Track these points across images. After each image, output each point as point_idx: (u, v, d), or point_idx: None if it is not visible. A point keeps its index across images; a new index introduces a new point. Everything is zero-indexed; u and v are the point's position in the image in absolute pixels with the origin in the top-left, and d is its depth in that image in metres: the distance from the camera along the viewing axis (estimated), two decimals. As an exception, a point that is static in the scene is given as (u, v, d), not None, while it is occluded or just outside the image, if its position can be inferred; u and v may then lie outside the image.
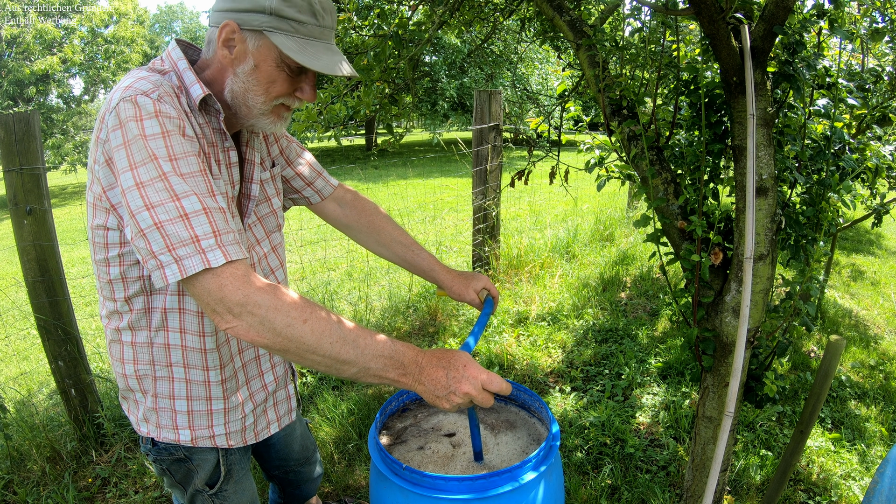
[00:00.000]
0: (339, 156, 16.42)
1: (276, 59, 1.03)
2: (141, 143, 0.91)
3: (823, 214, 1.45)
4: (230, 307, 0.90)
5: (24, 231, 2.26)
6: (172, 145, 0.93)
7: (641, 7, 1.63)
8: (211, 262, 0.89)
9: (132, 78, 0.99)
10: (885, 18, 1.76)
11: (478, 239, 4.18)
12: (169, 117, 0.94)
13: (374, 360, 0.96)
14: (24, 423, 2.38)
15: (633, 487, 2.16)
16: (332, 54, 1.06)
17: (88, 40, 18.06)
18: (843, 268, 4.93)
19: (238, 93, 1.06)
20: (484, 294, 1.48)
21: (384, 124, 13.16)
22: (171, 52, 1.08)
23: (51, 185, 16.29)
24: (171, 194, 0.90)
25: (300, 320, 0.91)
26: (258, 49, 1.02)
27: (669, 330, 3.52)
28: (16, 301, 4.72)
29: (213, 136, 1.10)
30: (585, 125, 1.96)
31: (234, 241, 0.94)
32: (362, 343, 0.95)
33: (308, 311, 0.93)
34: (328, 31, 1.06)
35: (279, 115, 1.11)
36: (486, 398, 1.02)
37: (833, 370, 1.58)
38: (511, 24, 9.43)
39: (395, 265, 1.60)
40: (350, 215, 1.52)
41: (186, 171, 0.92)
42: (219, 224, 0.92)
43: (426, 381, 1.00)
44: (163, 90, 0.97)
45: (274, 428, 1.37)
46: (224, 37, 1.03)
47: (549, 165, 2.31)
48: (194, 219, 0.90)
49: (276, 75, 1.04)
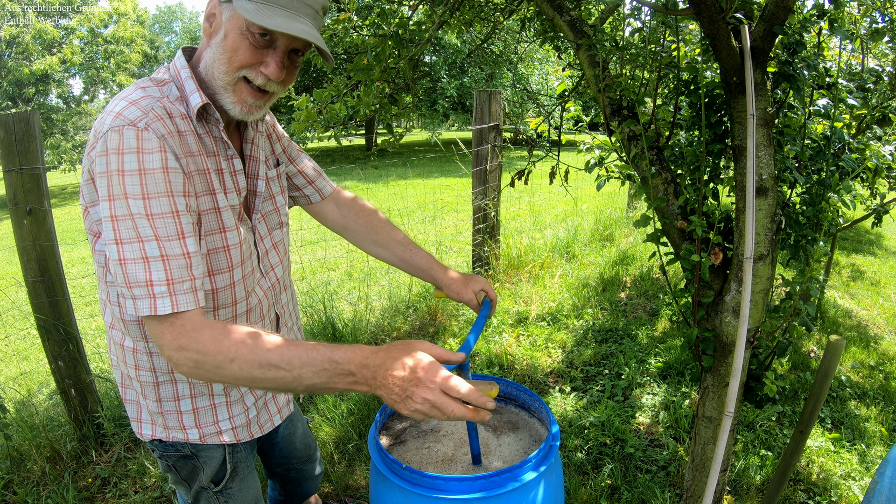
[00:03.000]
0: (339, 156, 16.41)
1: (242, 26, 1.02)
2: (117, 179, 0.94)
3: (823, 214, 1.45)
4: (169, 354, 0.96)
5: (24, 231, 2.26)
6: (147, 184, 0.95)
7: (641, 7, 1.63)
8: (158, 310, 0.95)
9: (124, 101, 1.00)
10: (885, 18, 1.76)
11: (478, 239, 4.18)
12: (150, 153, 0.96)
13: (317, 376, 0.94)
14: (24, 423, 2.38)
15: (633, 487, 2.16)
16: (293, 21, 1.01)
17: (88, 40, 18.04)
18: (843, 268, 4.93)
19: (208, 63, 1.07)
20: (482, 296, 1.46)
21: (384, 124, 13.17)
22: (177, 60, 1.10)
23: (51, 185, 16.29)
24: (136, 234, 0.94)
25: (227, 360, 0.94)
26: (229, 20, 1.03)
27: (669, 330, 3.52)
28: (16, 301, 4.72)
29: (213, 146, 1.11)
30: (585, 125, 1.96)
31: (188, 289, 0.97)
32: (297, 363, 0.93)
33: (235, 349, 0.94)
34: (299, 3, 1.03)
35: (242, 99, 1.07)
36: (452, 407, 0.91)
37: (833, 370, 1.58)
38: (511, 24, 9.43)
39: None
40: (348, 216, 1.52)
41: (157, 212, 0.96)
42: (174, 273, 0.96)
43: (382, 385, 0.93)
44: (152, 116, 0.99)
45: (277, 420, 1.38)
46: (208, 11, 1.07)
47: (548, 165, 2.31)
48: (153, 264, 0.95)
49: (240, 43, 1.02)
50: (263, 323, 1.28)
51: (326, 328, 3.31)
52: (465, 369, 1.33)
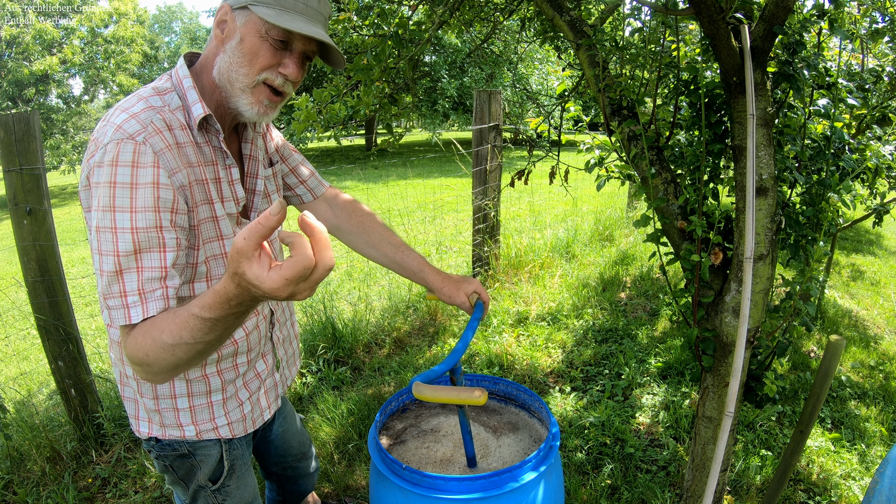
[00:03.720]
0: (338, 156, 16.41)
1: (260, 30, 1.06)
2: (108, 191, 0.96)
3: (823, 214, 1.45)
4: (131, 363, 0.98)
5: (24, 231, 2.26)
6: (136, 198, 0.97)
7: (641, 7, 1.63)
8: (132, 319, 0.96)
9: (125, 113, 1.02)
10: (885, 18, 1.76)
11: (477, 239, 4.18)
12: (144, 167, 0.98)
13: (220, 323, 0.84)
14: (24, 424, 2.38)
15: (633, 487, 2.16)
16: (312, 25, 1.08)
17: (88, 40, 18.04)
18: (843, 268, 4.93)
19: (224, 68, 1.09)
20: (475, 298, 1.44)
21: (384, 124, 13.17)
22: (179, 69, 1.12)
23: (51, 185, 16.29)
24: (114, 248, 0.96)
25: (145, 360, 0.93)
26: (245, 24, 1.06)
27: (669, 330, 3.52)
28: (16, 301, 4.72)
29: (212, 155, 1.13)
30: (585, 125, 1.96)
31: (159, 297, 0.98)
32: (185, 333, 0.88)
33: (144, 346, 0.93)
34: (314, 12, 1.09)
35: (259, 100, 1.10)
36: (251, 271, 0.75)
37: (833, 370, 1.58)
38: (511, 24, 9.43)
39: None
40: (340, 216, 1.52)
41: (142, 226, 0.97)
42: (145, 285, 0.97)
43: (246, 288, 0.78)
44: (151, 129, 1.01)
45: (267, 415, 1.38)
46: (218, 18, 1.09)
47: (548, 165, 2.31)
48: (127, 275, 0.97)
49: (260, 46, 1.06)
50: (258, 318, 1.29)
51: (326, 328, 3.32)
52: (456, 374, 1.33)
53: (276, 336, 1.38)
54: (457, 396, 1.10)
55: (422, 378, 1.17)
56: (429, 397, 1.11)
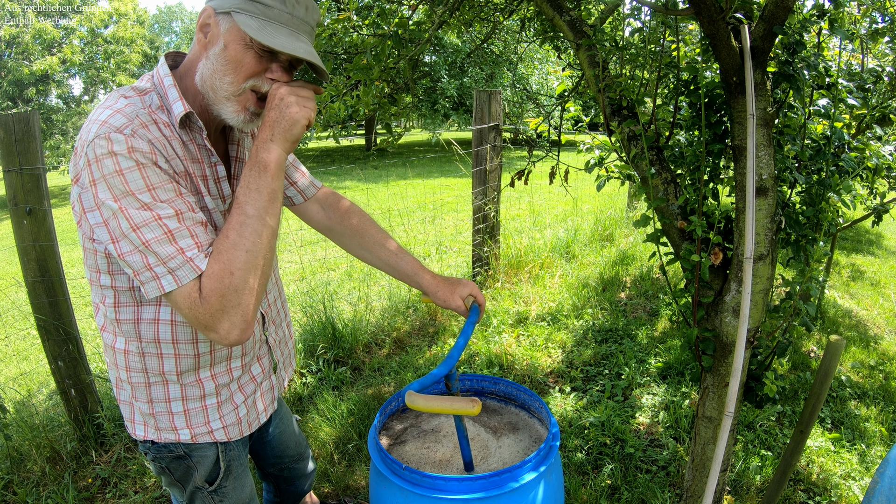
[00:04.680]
0: (338, 156, 16.41)
1: (245, 38, 1.03)
2: (118, 179, 0.96)
3: (823, 214, 1.45)
4: (206, 323, 1.02)
5: (23, 231, 2.26)
6: (148, 176, 0.98)
7: (641, 7, 1.63)
8: (202, 269, 1.00)
9: (108, 110, 1.01)
10: (885, 18, 1.76)
11: (477, 239, 4.18)
12: (142, 152, 0.98)
13: (272, 195, 1.05)
14: (24, 424, 2.38)
15: (633, 487, 2.16)
16: (295, 40, 1.04)
17: (88, 40, 18.03)
18: (843, 268, 4.93)
19: (206, 75, 1.06)
20: (470, 301, 1.43)
21: (383, 124, 13.16)
22: (160, 68, 1.10)
23: (50, 185, 16.28)
24: (153, 215, 0.97)
25: (229, 274, 1.00)
26: (228, 30, 1.03)
27: (669, 330, 3.52)
28: (16, 301, 4.72)
29: (197, 153, 1.12)
30: (585, 125, 1.96)
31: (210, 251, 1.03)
32: (259, 206, 1.03)
33: (222, 262, 1.00)
34: (299, 21, 1.06)
35: (245, 107, 1.08)
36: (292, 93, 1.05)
37: (833, 370, 1.58)
38: (511, 24, 9.43)
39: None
40: (333, 218, 1.50)
41: (166, 198, 0.99)
42: (200, 237, 1.02)
43: (277, 129, 1.05)
44: (136, 123, 1.00)
45: (263, 417, 1.37)
46: (201, 21, 1.06)
47: (548, 165, 2.31)
48: (178, 233, 0.99)
49: (244, 54, 1.03)
50: None
51: (326, 328, 3.31)
52: (451, 379, 1.32)
53: (273, 338, 1.37)
54: (450, 407, 1.09)
55: (416, 386, 1.16)
56: (421, 407, 1.10)
